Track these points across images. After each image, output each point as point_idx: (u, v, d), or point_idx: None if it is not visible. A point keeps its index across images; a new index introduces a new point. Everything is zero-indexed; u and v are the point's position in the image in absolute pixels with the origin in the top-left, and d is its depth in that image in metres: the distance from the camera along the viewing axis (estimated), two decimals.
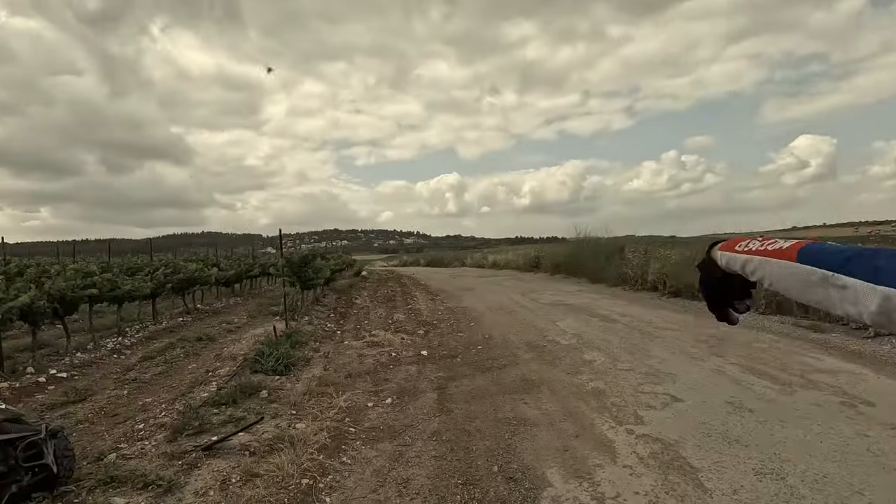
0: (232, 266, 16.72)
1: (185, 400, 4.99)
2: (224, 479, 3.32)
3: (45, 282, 7.62)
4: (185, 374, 6.33)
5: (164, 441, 4.03)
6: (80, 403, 5.33)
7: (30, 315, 6.85)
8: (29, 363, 6.89)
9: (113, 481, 3.32)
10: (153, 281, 10.48)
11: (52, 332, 9.20)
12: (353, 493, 3.20)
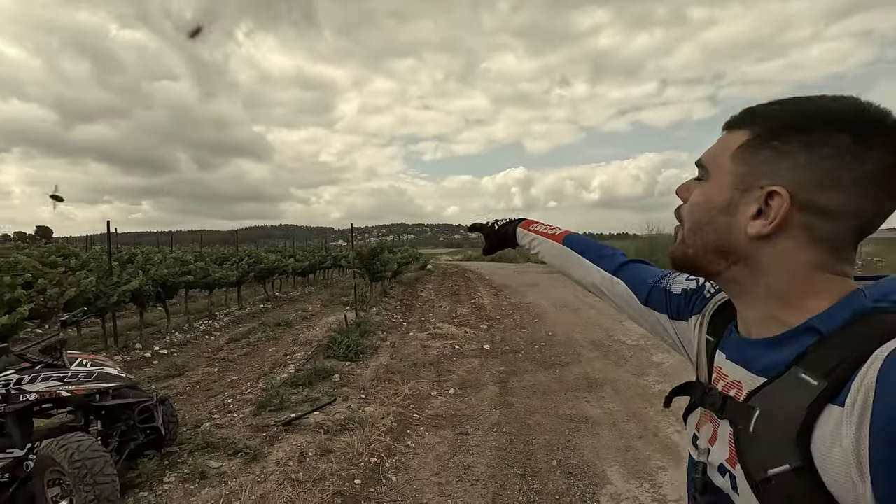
0: (307, 257, 17.75)
1: (267, 380, 5.46)
2: (301, 452, 3.64)
3: (150, 269, 8.58)
4: (267, 357, 6.90)
5: (249, 415, 4.47)
6: (178, 377, 5.99)
7: (139, 297, 7.76)
8: (137, 340, 7.82)
9: (208, 446, 3.75)
10: (238, 270, 11.41)
11: (153, 314, 10.32)
12: (416, 475, 3.39)
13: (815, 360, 0.53)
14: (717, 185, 0.62)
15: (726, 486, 0.60)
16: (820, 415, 0.50)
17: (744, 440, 0.57)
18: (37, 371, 3.01)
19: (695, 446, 0.69)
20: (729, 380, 0.64)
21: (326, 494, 3.07)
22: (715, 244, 0.62)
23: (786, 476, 0.51)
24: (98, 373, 3.17)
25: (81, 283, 6.66)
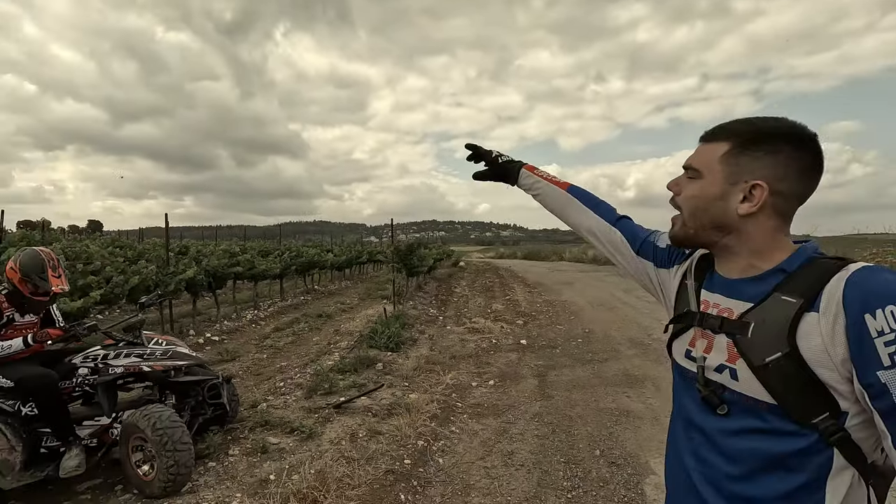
0: (343, 252, 18.18)
1: (315, 366, 5.73)
2: (353, 433, 3.85)
3: (203, 260, 9.05)
4: (311, 345, 7.19)
5: (301, 397, 4.72)
6: (231, 362, 6.34)
7: (192, 286, 8.21)
8: (191, 327, 8.28)
9: (266, 424, 4.01)
10: (281, 263, 11.85)
11: (203, 303, 10.85)
12: (462, 458, 3.54)
13: (790, 287, 0.83)
14: (710, 181, 0.90)
15: (724, 379, 0.87)
16: (801, 319, 0.79)
17: (744, 344, 0.84)
18: (120, 348, 3.31)
19: (689, 358, 0.94)
20: (721, 307, 0.91)
21: (379, 472, 3.25)
22: (711, 223, 0.90)
23: (779, 360, 0.80)
24: (172, 351, 3.45)
25: (143, 271, 7.12)
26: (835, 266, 0.80)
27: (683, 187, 0.94)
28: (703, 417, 0.90)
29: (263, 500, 2.85)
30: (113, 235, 25.72)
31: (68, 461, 2.98)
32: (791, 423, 0.80)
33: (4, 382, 2.97)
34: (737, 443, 0.85)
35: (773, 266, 0.87)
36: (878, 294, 0.74)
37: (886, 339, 0.72)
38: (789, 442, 0.80)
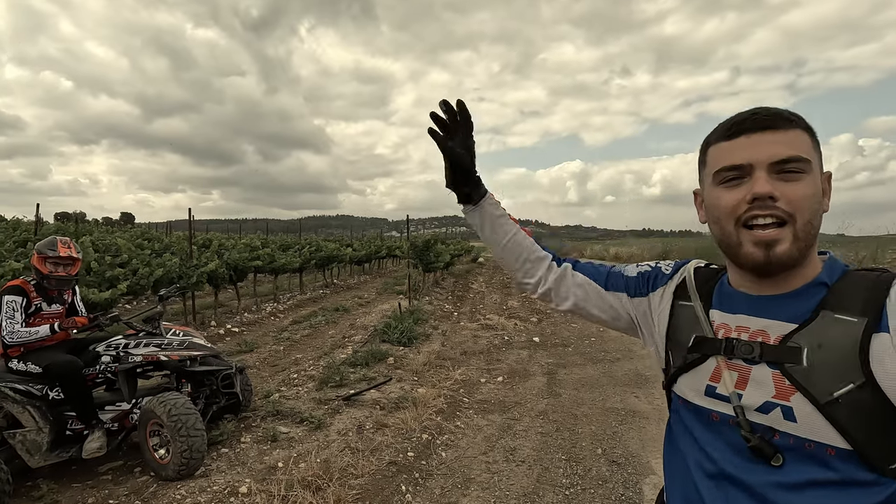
0: (363, 247, 18.41)
1: (327, 358, 5.88)
2: (360, 425, 3.96)
3: (224, 253, 9.32)
4: (327, 338, 7.36)
5: (313, 389, 4.86)
6: (249, 353, 6.55)
7: (214, 279, 8.47)
8: (212, 318, 8.55)
9: (278, 414, 4.15)
10: (301, 257, 12.09)
11: (224, 295, 11.18)
12: (465, 453, 3.61)
13: (840, 304, 0.69)
14: (815, 176, 0.72)
15: (773, 421, 0.70)
16: (870, 342, 0.65)
17: (801, 375, 0.68)
18: (140, 338, 3.49)
19: (715, 397, 0.75)
20: (752, 331, 0.74)
21: (382, 463, 3.34)
22: (817, 228, 0.72)
23: (851, 393, 0.65)
24: (189, 342, 3.61)
25: (167, 264, 7.39)
26: (883, 278, 0.69)
27: (784, 190, 0.69)
28: (748, 471, 0.71)
29: (270, 485, 2.97)
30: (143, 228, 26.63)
31: (91, 443, 3.17)
32: (868, 472, 0.65)
33: (34, 368, 3.17)
34: (796, 500, 0.68)
35: (810, 279, 0.73)
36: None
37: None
38: (866, 495, 0.65)
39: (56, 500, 2.95)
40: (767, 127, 0.71)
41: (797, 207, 0.69)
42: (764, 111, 0.73)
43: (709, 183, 0.77)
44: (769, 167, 0.70)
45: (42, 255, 3.26)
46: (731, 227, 0.73)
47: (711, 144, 0.78)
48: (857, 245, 12.60)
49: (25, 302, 3.20)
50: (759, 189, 0.69)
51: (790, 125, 0.71)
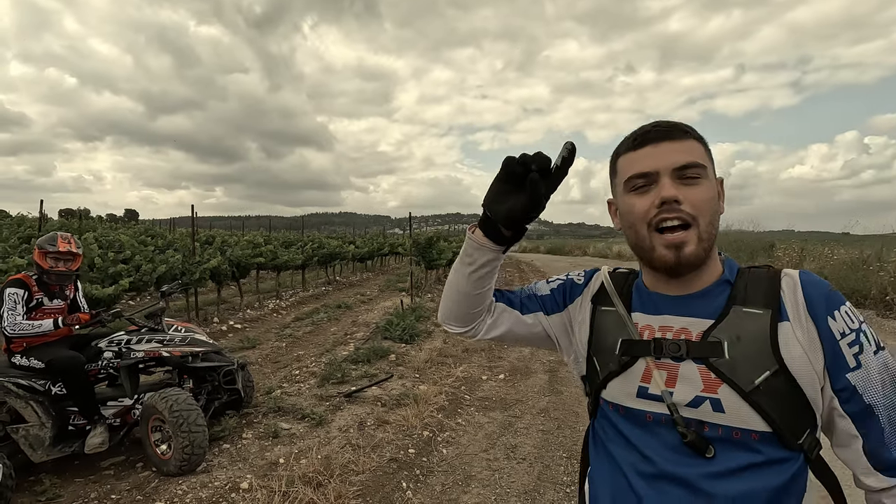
0: (366, 244, 18.41)
1: (329, 355, 5.89)
2: (361, 422, 3.96)
3: (227, 250, 9.34)
4: (329, 335, 7.37)
5: (314, 386, 4.87)
6: (251, 350, 6.57)
7: (217, 275, 8.49)
8: (215, 314, 8.58)
9: (279, 410, 4.16)
10: (303, 254, 12.11)
11: (227, 292, 11.20)
12: (466, 450, 3.61)
13: (745, 298, 0.76)
14: (711, 181, 0.78)
15: (703, 414, 0.74)
16: (777, 330, 0.73)
17: (726, 367, 0.73)
18: (142, 334, 3.49)
19: (648, 398, 0.78)
20: (674, 329, 0.78)
21: (383, 460, 3.35)
22: (716, 229, 0.78)
23: (768, 380, 0.71)
24: (190, 338, 3.61)
25: (170, 260, 7.41)
26: (772, 272, 0.79)
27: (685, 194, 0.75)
28: (684, 465, 0.74)
29: (271, 481, 2.98)
30: (146, 224, 26.73)
31: (93, 438, 3.18)
32: (784, 450, 0.71)
33: (36, 363, 3.18)
34: (729, 487, 0.71)
35: (716, 277, 0.80)
36: (830, 296, 0.74)
37: (849, 340, 0.72)
38: (783, 471, 0.71)
39: (58, 494, 2.97)
40: (667, 137, 0.77)
41: (699, 209, 0.75)
42: (664, 123, 0.80)
43: (621, 191, 0.82)
44: (672, 173, 0.76)
45: (43, 250, 3.27)
46: (644, 231, 0.78)
47: (620, 155, 0.83)
48: (861, 243, 12.53)
49: (27, 296, 3.21)
50: (666, 193, 0.75)
51: (685, 136, 0.78)
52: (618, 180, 0.83)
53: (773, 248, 14.30)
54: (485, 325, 0.99)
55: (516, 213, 0.79)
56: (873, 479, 0.73)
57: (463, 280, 0.93)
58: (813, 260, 11.82)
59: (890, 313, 8.56)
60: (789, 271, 0.78)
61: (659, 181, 0.76)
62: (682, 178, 0.76)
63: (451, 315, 0.99)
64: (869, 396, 0.71)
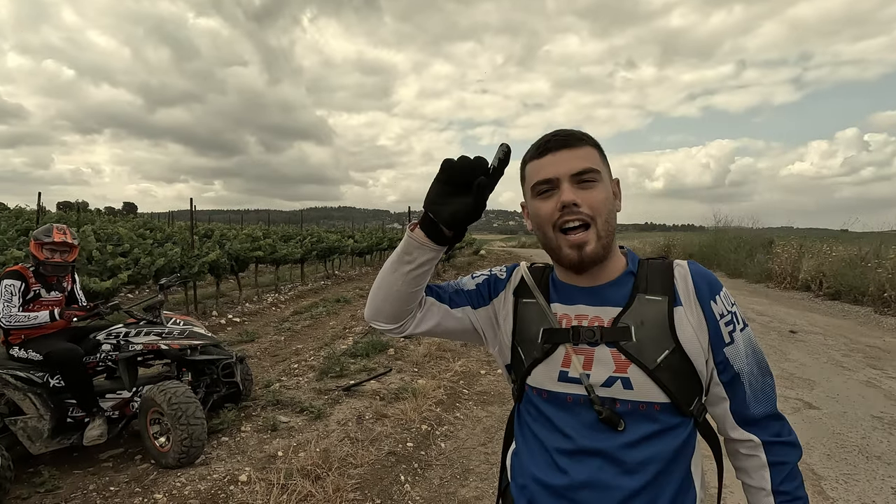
0: (365, 239, 18.40)
1: (328, 349, 5.89)
2: (359, 415, 3.97)
3: (226, 243, 9.32)
4: (327, 329, 7.38)
5: (313, 379, 4.87)
6: (250, 343, 6.57)
7: (215, 269, 8.48)
8: (214, 308, 8.57)
9: (278, 403, 4.17)
10: (302, 248, 12.10)
11: (226, 286, 11.21)
12: (464, 444, 3.62)
13: (646, 287, 0.87)
14: (606, 183, 0.87)
15: (615, 392, 0.84)
16: (673, 314, 0.84)
17: (633, 349, 0.84)
18: (140, 326, 3.49)
19: (569, 381, 0.87)
20: (588, 317, 0.88)
21: (382, 453, 3.35)
22: (613, 226, 0.88)
23: (667, 358, 0.83)
24: (189, 331, 3.61)
25: (168, 253, 7.40)
26: (666, 263, 0.90)
27: (584, 197, 0.83)
28: (600, 440, 0.84)
29: (270, 474, 2.98)
30: (145, 218, 26.68)
31: (92, 431, 3.19)
32: (679, 416, 0.84)
33: (34, 356, 3.18)
34: (638, 454, 0.82)
35: (621, 269, 0.91)
36: (712, 283, 0.87)
37: (726, 320, 0.85)
38: (679, 434, 0.84)
39: (57, 486, 2.97)
40: (565, 146, 0.86)
41: (596, 210, 0.84)
42: (563, 132, 0.88)
43: (529, 196, 0.91)
44: (571, 178, 0.84)
45: (38, 241, 3.26)
46: (550, 232, 0.87)
47: (527, 163, 0.91)
48: (860, 241, 12.54)
49: (24, 287, 3.20)
50: (566, 198, 0.84)
51: (581, 143, 0.87)
52: (526, 186, 0.91)
53: (772, 244, 14.30)
54: (414, 321, 0.99)
55: (460, 215, 0.83)
56: (735, 433, 0.88)
57: (400, 279, 0.93)
58: (811, 257, 11.83)
59: (887, 310, 8.57)
60: (680, 262, 0.91)
61: (560, 186, 0.85)
62: (580, 183, 0.85)
63: (381, 313, 0.98)
64: (737, 366, 0.85)
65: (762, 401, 0.87)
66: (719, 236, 17.29)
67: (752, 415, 0.86)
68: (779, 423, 0.87)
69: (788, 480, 0.85)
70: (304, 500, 2.74)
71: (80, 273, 5.63)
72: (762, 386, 0.87)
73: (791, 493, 0.84)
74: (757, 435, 0.86)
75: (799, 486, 0.85)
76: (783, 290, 11.92)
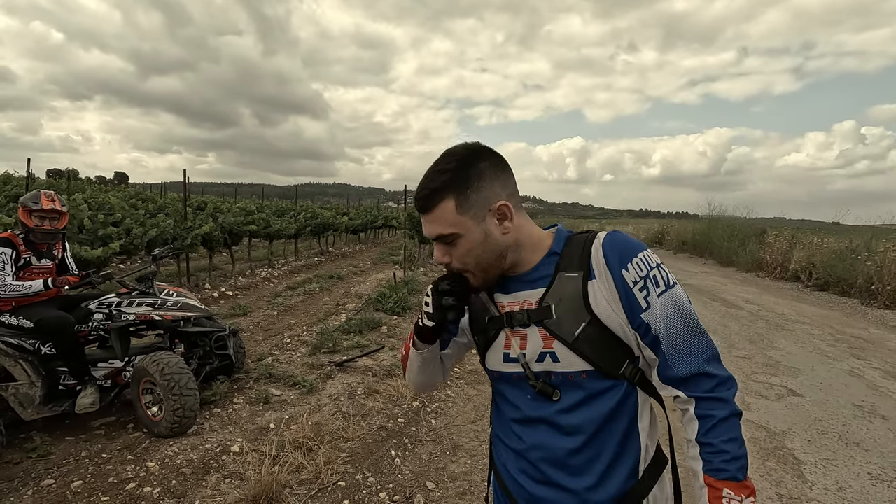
0: (359, 216, 18.31)
1: (321, 325, 5.90)
2: (351, 390, 4.01)
3: (219, 216, 9.23)
4: (320, 305, 7.39)
5: (306, 354, 4.90)
6: (242, 317, 6.57)
7: (209, 242, 8.42)
8: (206, 281, 8.54)
9: (270, 377, 4.19)
10: (297, 223, 12.02)
11: (219, 259, 11.15)
12: (455, 420, 3.67)
13: (566, 264, 0.93)
14: (469, 234, 0.92)
15: (547, 365, 0.92)
16: (587, 288, 0.90)
17: (554, 325, 0.91)
18: (133, 297, 3.47)
19: (510, 361, 0.97)
20: (520, 302, 0.96)
21: (373, 428, 3.40)
22: (494, 257, 0.94)
23: (584, 329, 0.89)
24: (182, 303, 3.60)
25: (161, 225, 7.32)
26: (588, 238, 0.95)
27: (452, 254, 0.95)
28: (541, 409, 0.93)
29: (261, 445, 3.02)
30: (137, 188, 26.31)
31: (84, 399, 3.19)
32: (607, 380, 0.90)
33: (25, 323, 3.16)
34: (573, 418, 0.91)
35: (544, 253, 0.97)
36: (623, 251, 0.91)
37: (639, 287, 0.89)
38: (611, 397, 0.90)
39: (49, 451, 2.99)
40: (424, 210, 0.93)
41: (464, 262, 0.94)
42: (421, 194, 0.93)
43: None
44: (437, 240, 0.95)
45: (27, 208, 3.21)
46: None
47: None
48: (851, 233, 12.66)
49: (15, 255, 3.16)
50: (436, 258, 0.98)
51: (435, 202, 0.91)
52: None
53: (765, 234, 14.41)
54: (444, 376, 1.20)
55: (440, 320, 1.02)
56: (665, 391, 0.93)
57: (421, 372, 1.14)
58: (802, 248, 11.93)
59: (874, 302, 8.70)
60: (600, 234, 0.95)
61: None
62: (444, 243, 0.94)
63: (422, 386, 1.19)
64: (655, 328, 0.89)
65: (688, 361, 0.89)
66: (713, 224, 17.38)
67: (677, 374, 0.89)
68: (710, 381, 0.89)
69: (714, 433, 0.86)
70: (295, 471, 2.78)
71: (71, 241, 5.57)
72: (689, 346, 0.89)
73: (715, 445, 0.85)
74: (684, 391, 0.90)
75: (727, 441, 0.85)
76: (773, 279, 12.06)
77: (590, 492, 0.91)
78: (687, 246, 18.59)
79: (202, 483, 2.69)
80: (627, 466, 0.92)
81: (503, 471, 1.02)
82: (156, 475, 2.74)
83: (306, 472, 2.78)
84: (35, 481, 2.70)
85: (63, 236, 3.50)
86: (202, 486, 2.67)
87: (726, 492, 0.83)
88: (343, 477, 2.79)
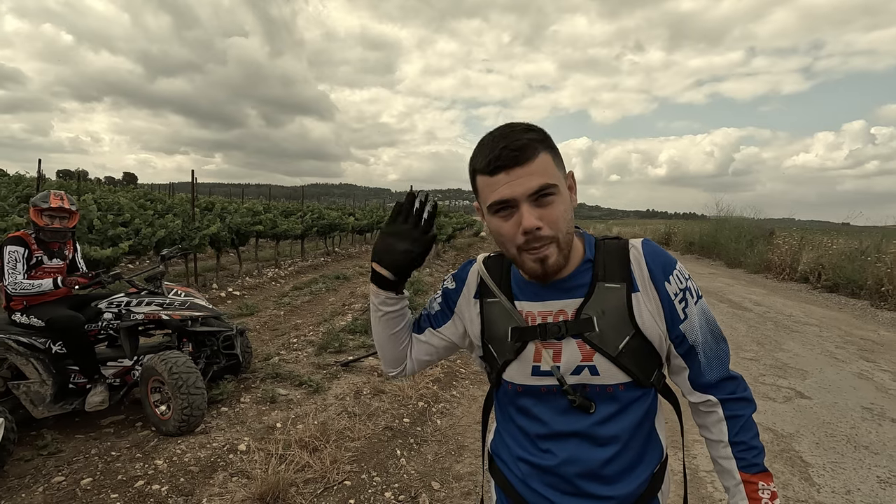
0: (365, 217, 18.36)
1: (327, 325, 5.93)
2: (357, 390, 4.03)
3: (227, 217, 9.30)
4: (327, 305, 7.42)
5: (312, 354, 4.92)
6: (249, 317, 6.61)
7: (216, 242, 8.48)
8: (214, 281, 8.61)
9: (277, 377, 4.22)
10: (303, 224, 12.08)
11: (226, 259, 11.22)
12: (460, 421, 3.68)
13: (604, 274, 0.89)
14: (563, 193, 0.84)
15: (583, 378, 0.89)
16: (631, 301, 0.87)
17: (596, 338, 0.87)
18: (142, 296, 3.51)
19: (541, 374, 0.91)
20: (554, 313, 0.90)
21: (378, 427, 3.41)
22: (573, 231, 0.88)
23: (628, 343, 0.87)
24: (190, 302, 3.63)
25: (169, 225, 7.39)
26: (621, 245, 0.92)
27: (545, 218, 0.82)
28: (574, 423, 0.90)
29: (268, 444, 3.04)
30: (145, 188, 26.54)
31: (93, 397, 3.23)
32: (640, 390, 0.90)
33: (36, 322, 3.21)
34: (608, 429, 0.89)
35: (580, 260, 0.91)
36: (665, 263, 0.90)
37: (679, 298, 0.89)
38: (641, 405, 0.91)
39: (59, 449, 3.03)
40: (517, 162, 0.80)
41: (557, 227, 0.82)
42: (513, 145, 0.80)
43: (486, 211, 0.87)
44: (528, 198, 0.81)
45: (37, 207, 3.26)
46: (513, 251, 0.86)
47: (478, 174, 0.86)
48: (861, 234, 12.54)
49: (27, 254, 3.21)
50: (527, 224, 0.81)
51: (535, 153, 0.81)
52: (481, 199, 0.88)
53: (773, 235, 14.29)
54: (410, 361, 1.10)
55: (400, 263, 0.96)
56: (694, 396, 0.94)
57: (377, 326, 1.06)
58: (811, 249, 11.83)
59: (884, 304, 8.61)
60: (634, 242, 0.92)
61: (519, 207, 0.81)
62: (538, 200, 0.81)
63: (385, 360, 1.11)
64: (691, 339, 0.90)
65: (716, 367, 0.92)
66: (720, 225, 17.25)
67: (709, 380, 0.92)
68: (734, 383, 0.93)
69: (744, 431, 0.91)
70: (301, 470, 2.80)
71: (81, 241, 5.63)
72: (716, 353, 0.92)
73: (747, 443, 0.90)
74: (714, 395, 0.92)
75: (754, 437, 0.91)
76: (781, 280, 11.96)
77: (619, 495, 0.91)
78: (694, 247, 18.47)
79: (209, 481, 2.72)
80: (651, 465, 0.94)
81: (522, 486, 0.96)
82: (164, 473, 2.77)
83: (312, 471, 2.80)
84: (46, 478, 2.74)
85: (74, 237, 3.55)
86: (209, 484, 2.69)
87: (761, 484, 0.88)
88: (349, 476, 2.81)
